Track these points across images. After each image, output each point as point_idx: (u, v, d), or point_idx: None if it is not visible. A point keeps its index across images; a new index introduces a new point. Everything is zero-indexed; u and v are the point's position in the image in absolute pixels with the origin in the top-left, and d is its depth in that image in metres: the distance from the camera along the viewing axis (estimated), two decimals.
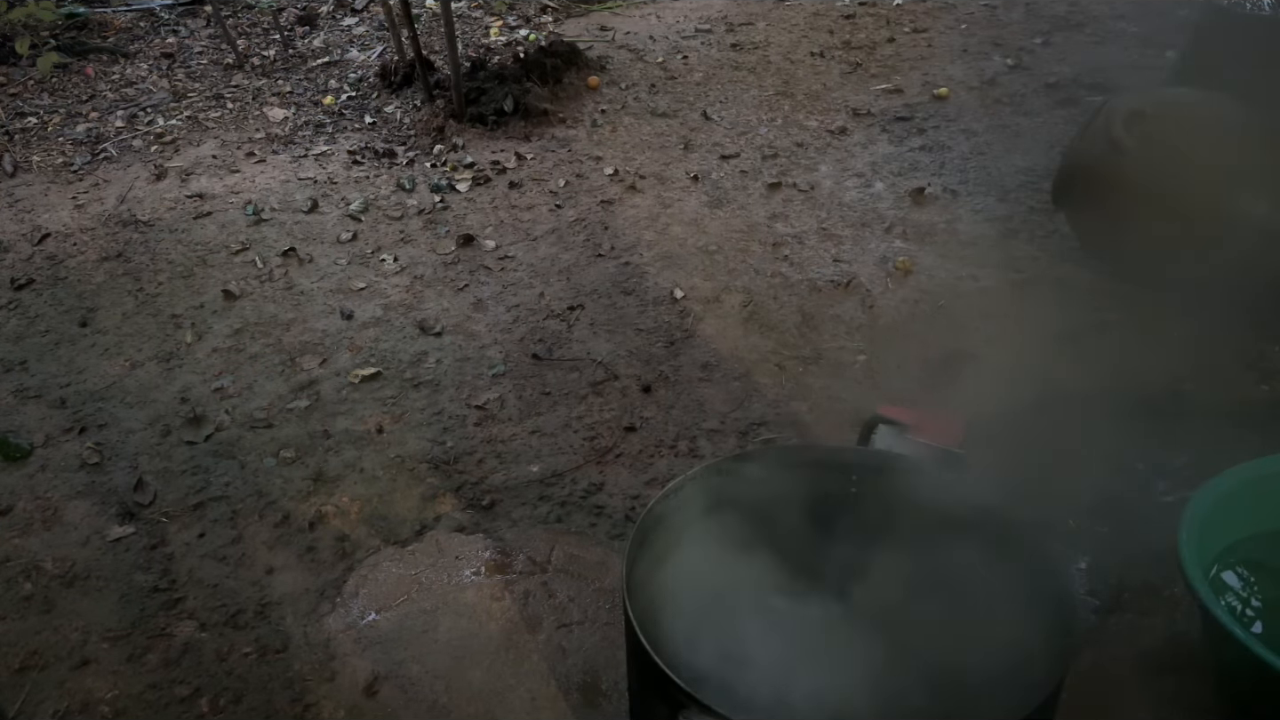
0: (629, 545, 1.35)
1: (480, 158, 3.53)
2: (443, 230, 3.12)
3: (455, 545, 2.00)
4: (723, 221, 3.07)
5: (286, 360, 2.56)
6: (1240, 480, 1.68)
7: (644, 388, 2.39)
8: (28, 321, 2.78)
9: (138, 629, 1.86)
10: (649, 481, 2.12)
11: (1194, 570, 1.49)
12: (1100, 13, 4.41)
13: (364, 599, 1.90)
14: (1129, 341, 2.42)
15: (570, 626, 1.81)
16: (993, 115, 3.60)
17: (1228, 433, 2.10)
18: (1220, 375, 2.30)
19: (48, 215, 3.31)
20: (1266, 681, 1.40)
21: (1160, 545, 1.81)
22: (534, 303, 2.73)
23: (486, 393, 2.41)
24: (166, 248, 3.10)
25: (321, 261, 2.99)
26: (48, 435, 2.36)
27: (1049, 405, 2.24)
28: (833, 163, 3.37)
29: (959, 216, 3.01)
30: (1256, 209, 2.30)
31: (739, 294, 2.71)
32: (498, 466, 2.19)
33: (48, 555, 2.03)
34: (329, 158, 3.60)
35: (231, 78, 4.31)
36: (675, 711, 1.17)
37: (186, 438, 2.32)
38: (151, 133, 3.85)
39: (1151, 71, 3.81)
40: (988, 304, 2.60)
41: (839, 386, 2.36)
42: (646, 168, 3.41)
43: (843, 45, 4.28)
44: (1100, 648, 1.70)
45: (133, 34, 4.78)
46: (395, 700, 1.70)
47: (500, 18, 4.83)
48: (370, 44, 4.60)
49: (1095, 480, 2.03)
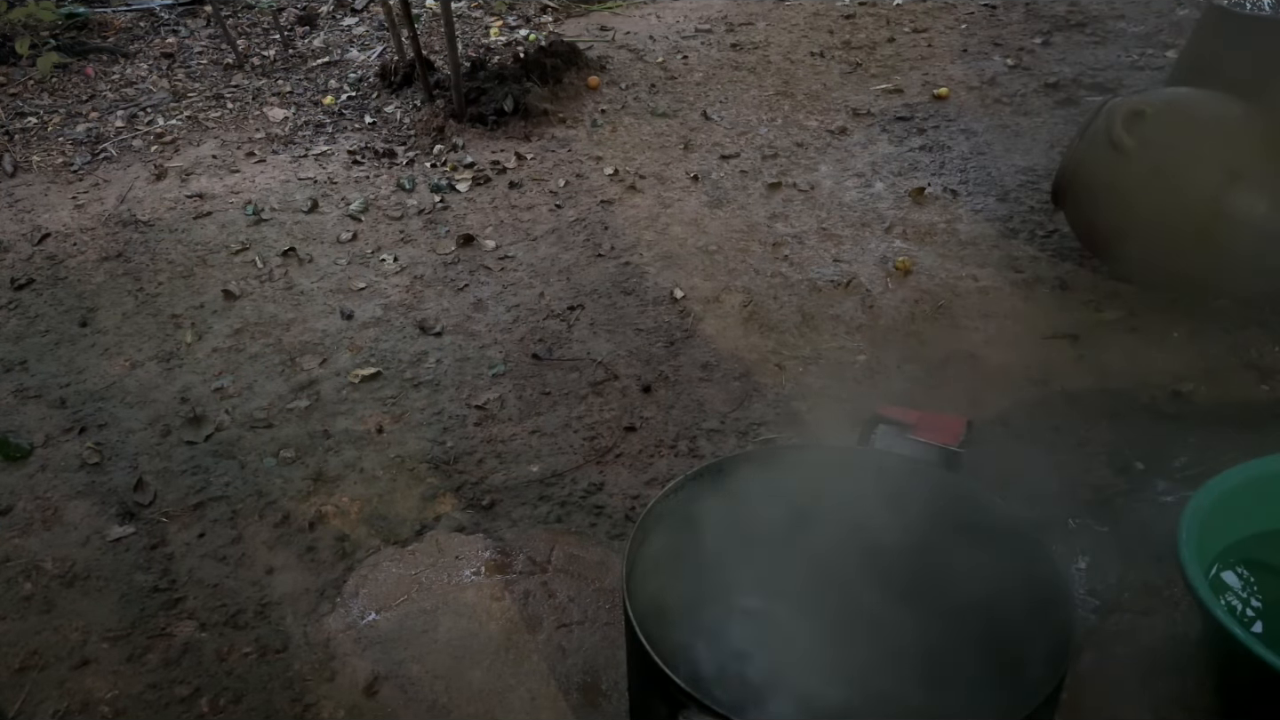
0: (629, 545, 1.35)
1: (480, 158, 3.54)
2: (443, 230, 3.12)
3: (455, 545, 2.00)
4: (723, 221, 3.07)
5: (286, 360, 2.56)
6: (1240, 480, 1.68)
7: (644, 388, 2.39)
8: (28, 321, 2.78)
9: (138, 629, 1.86)
10: (649, 481, 2.12)
11: (1194, 570, 1.49)
12: (1100, 13, 4.41)
13: (364, 599, 1.90)
14: (1129, 341, 2.42)
15: (570, 626, 1.81)
16: (993, 115, 3.60)
17: (1228, 433, 2.10)
18: (1220, 375, 2.30)
19: (48, 215, 3.31)
20: (1266, 681, 1.40)
21: (1160, 545, 1.82)
22: (534, 303, 2.73)
23: (486, 393, 2.41)
24: (166, 248, 3.10)
25: (321, 261, 2.99)
26: (48, 435, 2.36)
27: (1048, 405, 2.24)
28: (833, 163, 3.37)
29: (959, 216, 3.01)
30: (1256, 209, 2.30)
31: (739, 294, 2.71)
32: (498, 466, 2.19)
33: (48, 555, 2.03)
34: (329, 158, 3.60)
35: (231, 78, 4.31)
36: (675, 711, 1.17)
37: (186, 438, 2.32)
38: (151, 133, 3.85)
39: (1151, 71, 3.81)
40: (988, 304, 2.60)
41: (839, 386, 2.36)
42: (646, 168, 3.41)
43: (843, 45, 4.28)
44: (1100, 648, 1.70)
45: (133, 34, 4.78)
46: (395, 700, 1.70)
47: (500, 18, 4.83)
48: (370, 44, 4.60)
49: (1095, 480, 2.03)
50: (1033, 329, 2.48)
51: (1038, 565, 1.32)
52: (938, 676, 1.33)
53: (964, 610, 1.36)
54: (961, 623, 1.35)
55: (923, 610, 1.38)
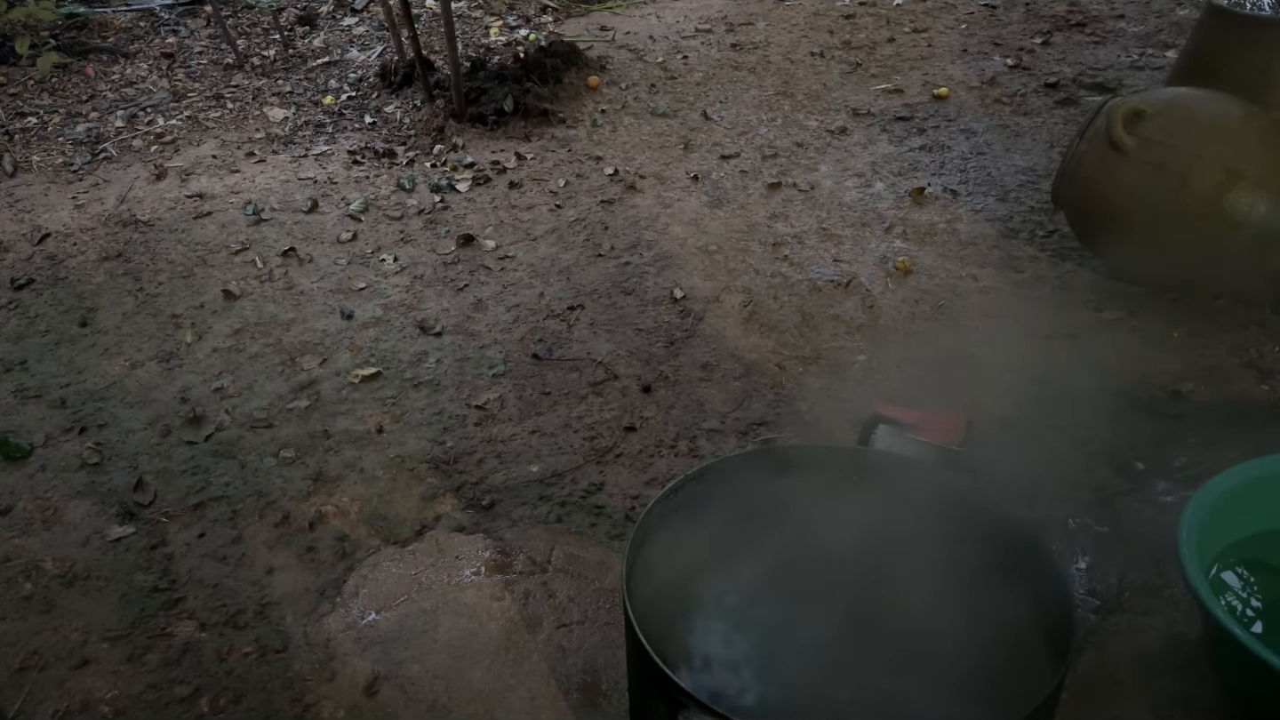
0: (629, 545, 1.34)
1: (480, 158, 3.54)
2: (443, 230, 3.12)
3: (455, 545, 2.00)
4: (723, 221, 3.07)
5: (286, 360, 2.56)
6: (1240, 480, 1.68)
7: (644, 388, 2.39)
8: (28, 321, 2.78)
9: (138, 629, 1.86)
10: (649, 481, 2.12)
11: (1194, 570, 1.49)
12: (1100, 13, 4.41)
13: (364, 599, 1.90)
14: (1129, 341, 2.42)
15: (570, 626, 1.81)
16: (993, 115, 3.60)
17: (1228, 433, 2.10)
18: (1220, 375, 2.30)
19: (48, 215, 3.31)
20: (1266, 681, 1.40)
21: (1160, 545, 1.82)
22: (534, 303, 2.73)
23: (486, 393, 2.41)
24: (166, 248, 3.10)
25: (321, 261, 2.99)
26: (48, 435, 2.36)
27: (1049, 405, 2.24)
28: (833, 163, 3.37)
29: (959, 216, 3.01)
30: (1256, 209, 2.30)
31: (739, 294, 2.71)
32: (498, 466, 2.19)
33: (48, 555, 2.03)
34: (329, 158, 3.60)
35: (231, 78, 4.31)
36: (675, 711, 1.17)
37: (186, 438, 2.32)
38: (151, 133, 3.85)
39: (1151, 71, 3.81)
40: (988, 304, 2.60)
41: (839, 386, 2.36)
42: (646, 168, 3.41)
43: (843, 45, 4.28)
44: (1100, 648, 1.70)
45: (133, 34, 4.78)
46: (395, 700, 1.70)
47: (500, 18, 4.83)
48: (370, 44, 4.60)
49: (1095, 480, 2.03)
50: (1033, 329, 2.48)
51: (1038, 565, 1.32)
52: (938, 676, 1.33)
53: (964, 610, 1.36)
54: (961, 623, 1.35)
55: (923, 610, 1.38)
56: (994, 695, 1.27)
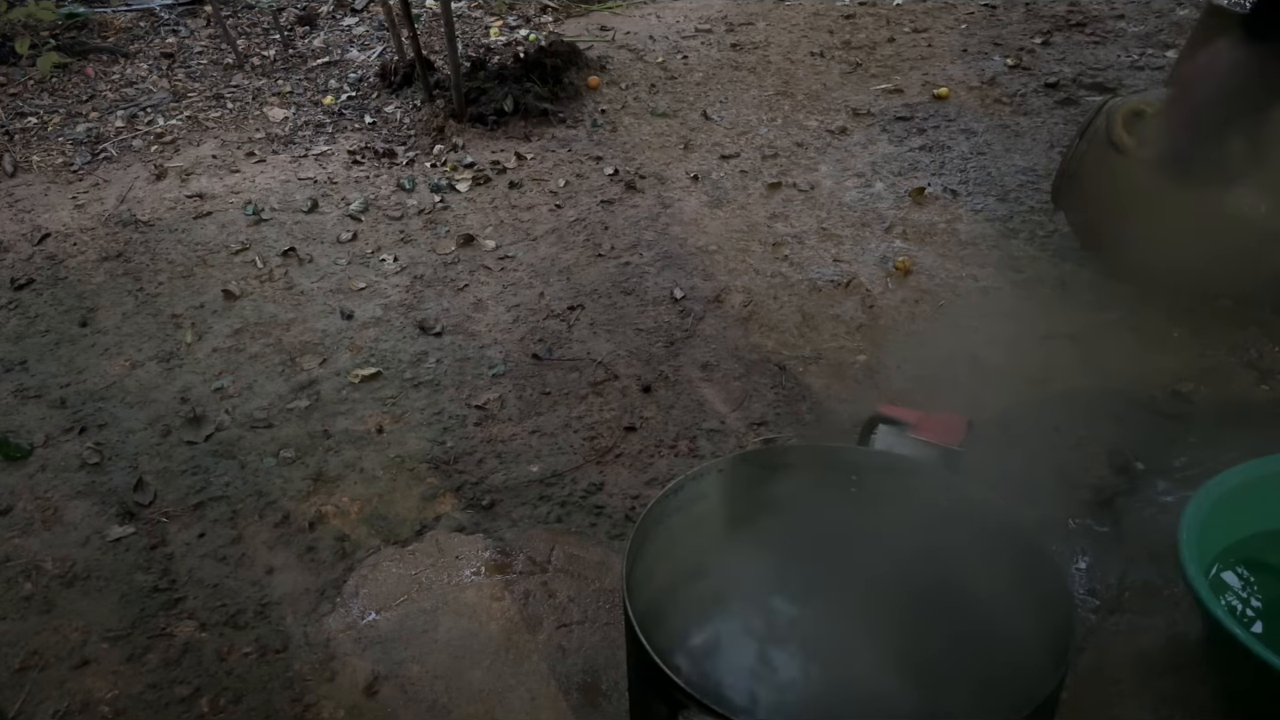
0: (629, 545, 1.34)
1: (480, 158, 3.54)
2: (443, 230, 3.12)
3: (455, 545, 2.00)
4: (723, 221, 3.07)
5: (286, 360, 2.56)
6: (1240, 480, 1.68)
7: (644, 388, 2.39)
8: (28, 321, 2.78)
9: (138, 629, 1.86)
10: (649, 481, 2.12)
11: (1194, 570, 1.49)
12: (1100, 13, 4.41)
13: (364, 599, 1.90)
14: (1129, 341, 2.42)
15: (570, 626, 1.81)
16: (993, 115, 3.60)
17: (1228, 433, 2.10)
18: (1220, 375, 2.30)
19: (48, 215, 3.31)
20: (1266, 681, 1.40)
21: (1160, 545, 1.82)
22: (534, 303, 2.73)
23: (486, 393, 2.41)
24: (166, 248, 3.10)
25: (321, 261, 2.99)
26: (48, 435, 2.36)
27: (1049, 405, 2.24)
28: (833, 163, 3.37)
29: (959, 216, 3.01)
30: (1256, 209, 2.30)
31: (739, 294, 2.71)
32: (498, 466, 2.19)
33: (48, 555, 2.03)
34: (329, 158, 3.60)
35: (231, 78, 4.31)
36: (675, 711, 1.16)
37: (186, 438, 2.32)
38: (151, 133, 3.85)
39: (1151, 71, 3.81)
40: (988, 304, 2.60)
41: (839, 386, 2.36)
42: (646, 167, 3.41)
43: (843, 45, 4.28)
44: (1100, 648, 1.70)
45: (133, 34, 4.77)
46: (395, 700, 1.70)
47: (500, 18, 4.83)
48: (370, 44, 4.60)
49: (1095, 480, 2.03)
50: (1033, 329, 2.48)
51: (1038, 565, 1.32)
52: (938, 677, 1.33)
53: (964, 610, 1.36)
54: (961, 623, 1.35)
55: (923, 610, 1.38)
56: (994, 696, 1.27)
